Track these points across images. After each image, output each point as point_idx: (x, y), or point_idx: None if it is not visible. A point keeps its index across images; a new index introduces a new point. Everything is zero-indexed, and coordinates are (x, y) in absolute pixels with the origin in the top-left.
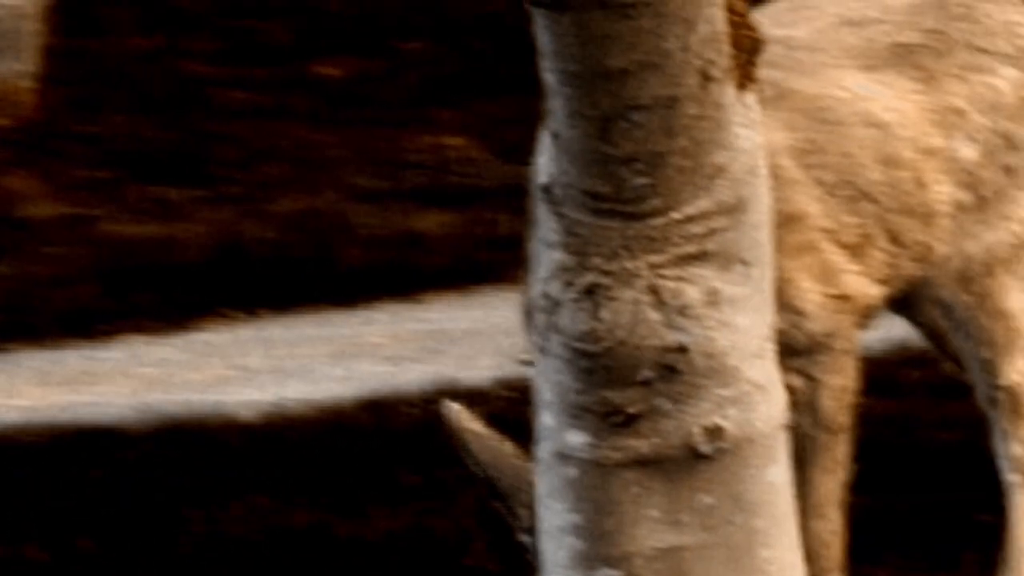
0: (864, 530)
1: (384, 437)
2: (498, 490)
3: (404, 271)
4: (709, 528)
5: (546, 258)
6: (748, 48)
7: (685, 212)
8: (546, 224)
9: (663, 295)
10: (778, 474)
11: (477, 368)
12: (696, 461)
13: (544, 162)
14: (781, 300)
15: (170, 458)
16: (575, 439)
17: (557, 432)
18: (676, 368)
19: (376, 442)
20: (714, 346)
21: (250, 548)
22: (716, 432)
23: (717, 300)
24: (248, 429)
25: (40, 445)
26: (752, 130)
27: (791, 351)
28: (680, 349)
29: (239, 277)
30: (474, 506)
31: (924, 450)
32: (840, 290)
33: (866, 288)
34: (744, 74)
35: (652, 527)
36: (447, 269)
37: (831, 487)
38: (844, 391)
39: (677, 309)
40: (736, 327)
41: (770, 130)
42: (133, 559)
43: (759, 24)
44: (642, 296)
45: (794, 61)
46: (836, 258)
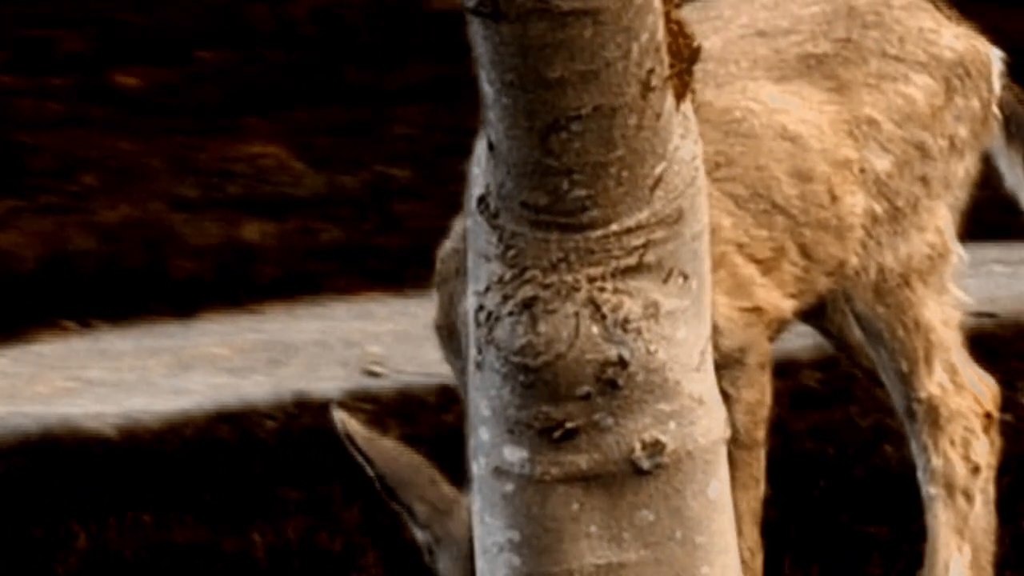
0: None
1: (246, 450)
2: (393, 489)
3: (233, 281)
4: (650, 545)
5: (482, 270)
6: (686, 57)
7: (624, 224)
8: (482, 236)
9: (602, 308)
10: (718, 489)
11: (323, 379)
12: (636, 477)
13: (479, 173)
14: None
15: (31, 473)
16: (513, 455)
17: (494, 447)
18: (616, 382)
19: (239, 455)
20: (654, 360)
21: (132, 565)
22: (656, 447)
23: (657, 313)
24: (107, 443)
25: None
26: (690, 140)
27: None
28: (620, 363)
29: (69, 287)
30: (360, 519)
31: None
32: (752, 303)
33: (778, 301)
34: (682, 83)
35: (591, 544)
36: (275, 279)
37: (748, 503)
38: (759, 406)
39: (617, 322)
40: (676, 340)
41: None
42: None
43: (695, 33)
44: (581, 309)
45: (704, 72)
46: (747, 271)
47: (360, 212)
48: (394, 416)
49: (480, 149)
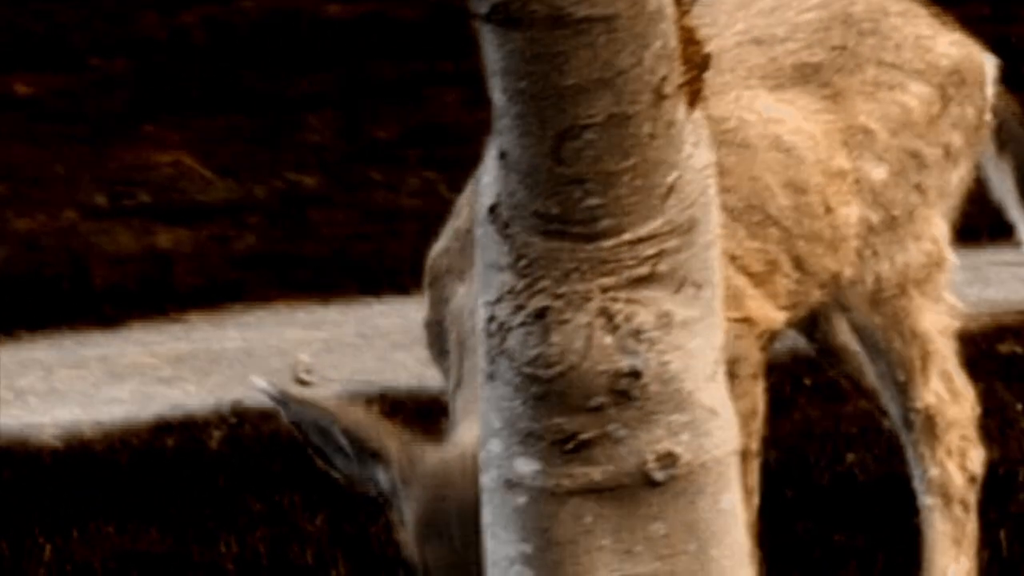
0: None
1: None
2: (360, 439)
3: (154, 289)
4: (663, 557)
5: (493, 281)
6: (697, 64)
7: (637, 233)
8: (492, 246)
9: (615, 319)
10: (731, 501)
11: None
12: (649, 488)
13: (490, 182)
14: None
15: None
16: (525, 467)
17: (505, 460)
18: (629, 393)
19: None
20: (667, 370)
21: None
22: (670, 459)
23: (670, 323)
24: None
25: None
26: (702, 149)
27: None
28: (633, 374)
29: None
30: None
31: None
32: (743, 314)
33: (770, 313)
34: (693, 91)
35: (604, 557)
36: (196, 287)
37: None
38: (752, 416)
39: (630, 333)
40: (688, 350)
41: None
42: None
43: (706, 39)
44: (594, 320)
45: None
46: (739, 282)
47: (273, 220)
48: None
49: (490, 158)
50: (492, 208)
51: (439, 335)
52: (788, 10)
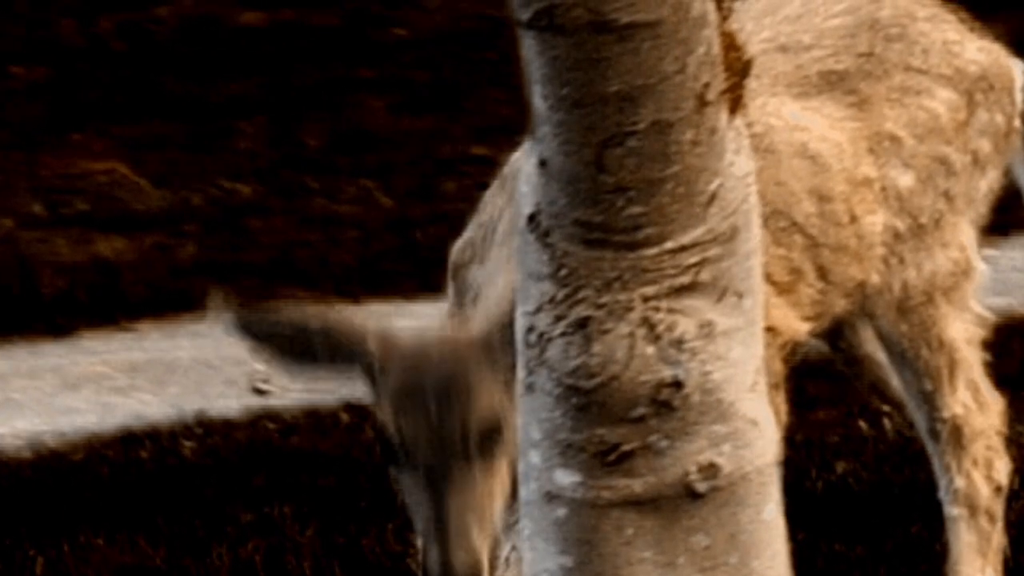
0: None
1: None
2: (339, 336)
3: (102, 298)
4: (705, 570)
5: (532, 290)
6: (738, 70)
7: (679, 241)
8: (532, 255)
9: (657, 328)
10: (772, 512)
11: (216, 397)
12: (691, 500)
13: (528, 191)
14: None
15: None
16: (565, 479)
17: (545, 471)
18: (671, 404)
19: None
20: (709, 380)
21: None
22: (712, 470)
23: (712, 332)
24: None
25: None
26: (743, 156)
27: None
28: (675, 384)
29: None
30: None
31: None
32: (767, 323)
33: (792, 323)
34: (734, 97)
35: (646, 569)
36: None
37: None
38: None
39: (672, 343)
40: (731, 360)
41: None
42: None
43: (747, 45)
44: (636, 329)
45: None
46: (764, 291)
47: (211, 228)
48: (303, 434)
49: (529, 166)
50: (532, 217)
51: (459, 326)
52: (815, 16)
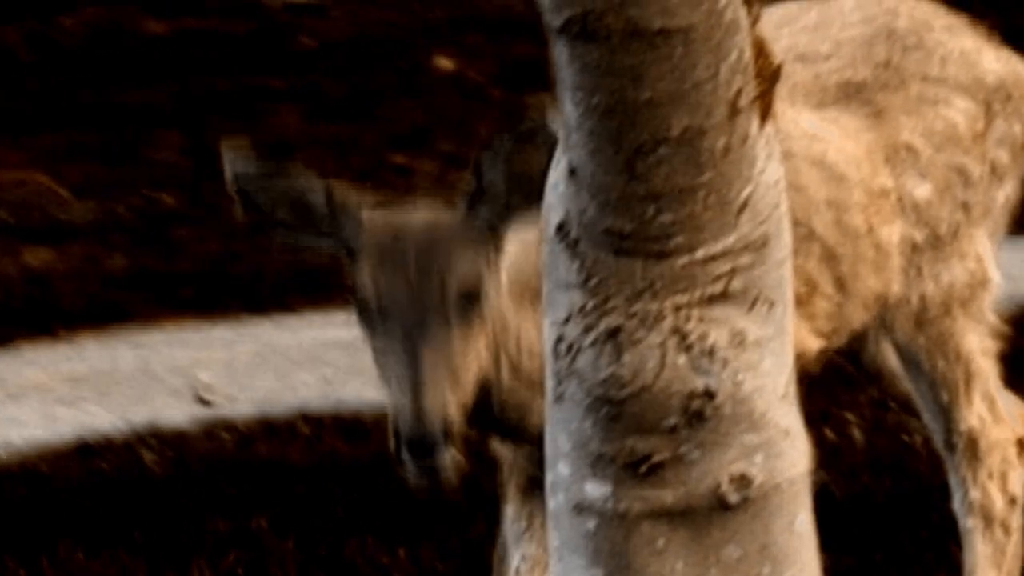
0: None
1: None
2: (284, 210)
3: (35, 309)
4: None
5: (562, 300)
6: (768, 77)
7: (710, 250)
8: (561, 264)
9: (688, 338)
10: (804, 522)
11: (163, 408)
12: (723, 511)
13: (556, 199)
14: None
15: None
16: (595, 490)
17: (575, 483)
18: (703, 414)
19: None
20: (741, 390)
21: None
22: (744, 481)
23: (743, 342)
24: None
25: None
26: (773, 163)
27: None
28: (707, 394)
29: None
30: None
31: None
32: None
33: (807, 341)
34: (765, 104)
35: None
36: (78, 307)
37: None
38: None
39: (703, 352)
40: (762, 370)
41: None
42: None
43: (777, 52)
44: (667, 339)
45: None
46: None
47: (137, 239)
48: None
49: (557, 175)
50: (561, 226)
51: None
52: (832, 27)
